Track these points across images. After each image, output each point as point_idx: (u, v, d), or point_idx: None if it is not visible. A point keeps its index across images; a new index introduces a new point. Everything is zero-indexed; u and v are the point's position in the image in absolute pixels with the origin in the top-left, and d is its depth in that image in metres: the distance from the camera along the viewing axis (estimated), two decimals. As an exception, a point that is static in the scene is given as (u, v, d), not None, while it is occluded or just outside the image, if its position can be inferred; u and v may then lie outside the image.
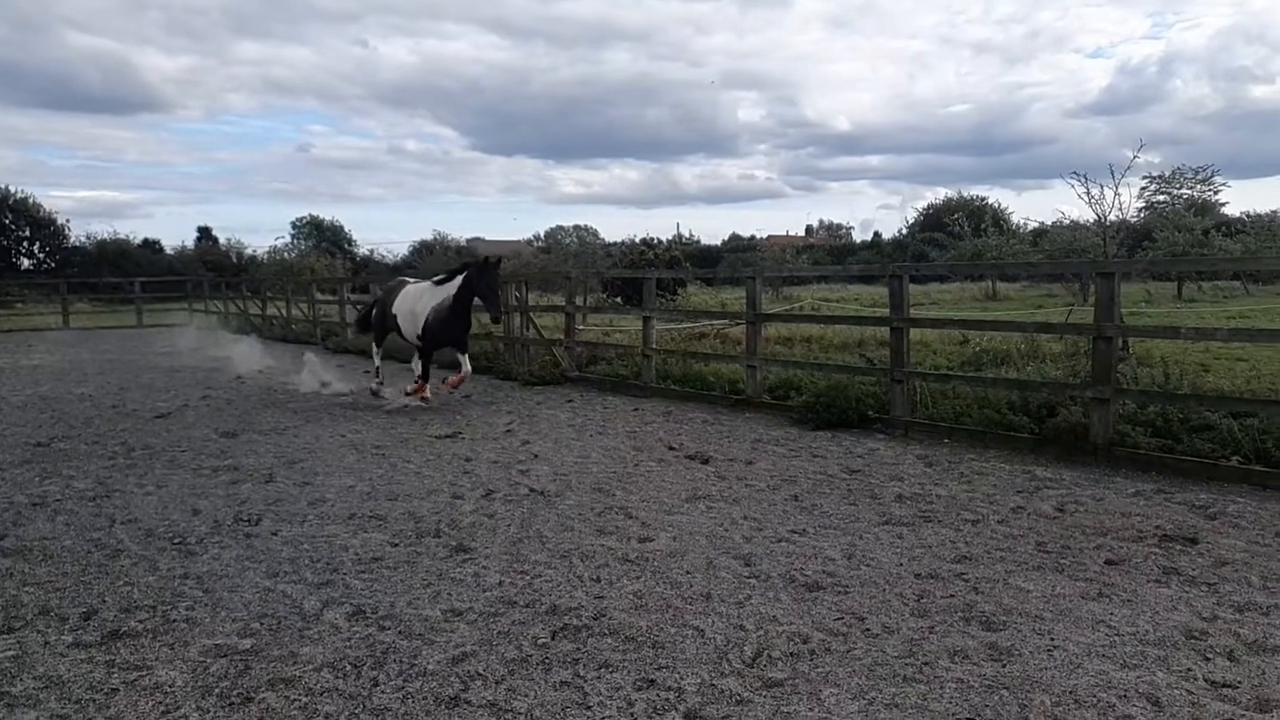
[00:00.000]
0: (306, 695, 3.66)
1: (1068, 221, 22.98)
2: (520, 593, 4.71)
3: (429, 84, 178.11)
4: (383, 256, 58.71)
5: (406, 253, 59.01)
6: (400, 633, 4.24)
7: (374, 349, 12.16)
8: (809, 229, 77.79)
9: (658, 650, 4.00)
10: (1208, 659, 3.88)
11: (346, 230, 61.60)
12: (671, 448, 8.30)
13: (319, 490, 6.96)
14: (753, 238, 60.50)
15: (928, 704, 3.50)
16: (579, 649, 4.03)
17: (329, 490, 6.95)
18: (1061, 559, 5.17)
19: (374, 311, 12.21)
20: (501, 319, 11.74)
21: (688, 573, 4.95)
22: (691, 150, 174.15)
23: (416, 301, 11.09)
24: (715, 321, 16.47)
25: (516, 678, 3.78)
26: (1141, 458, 7.37)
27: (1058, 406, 8.27)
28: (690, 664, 3.86)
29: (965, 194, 58.23)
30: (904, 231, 59.43)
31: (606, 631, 4.20)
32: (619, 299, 22.24)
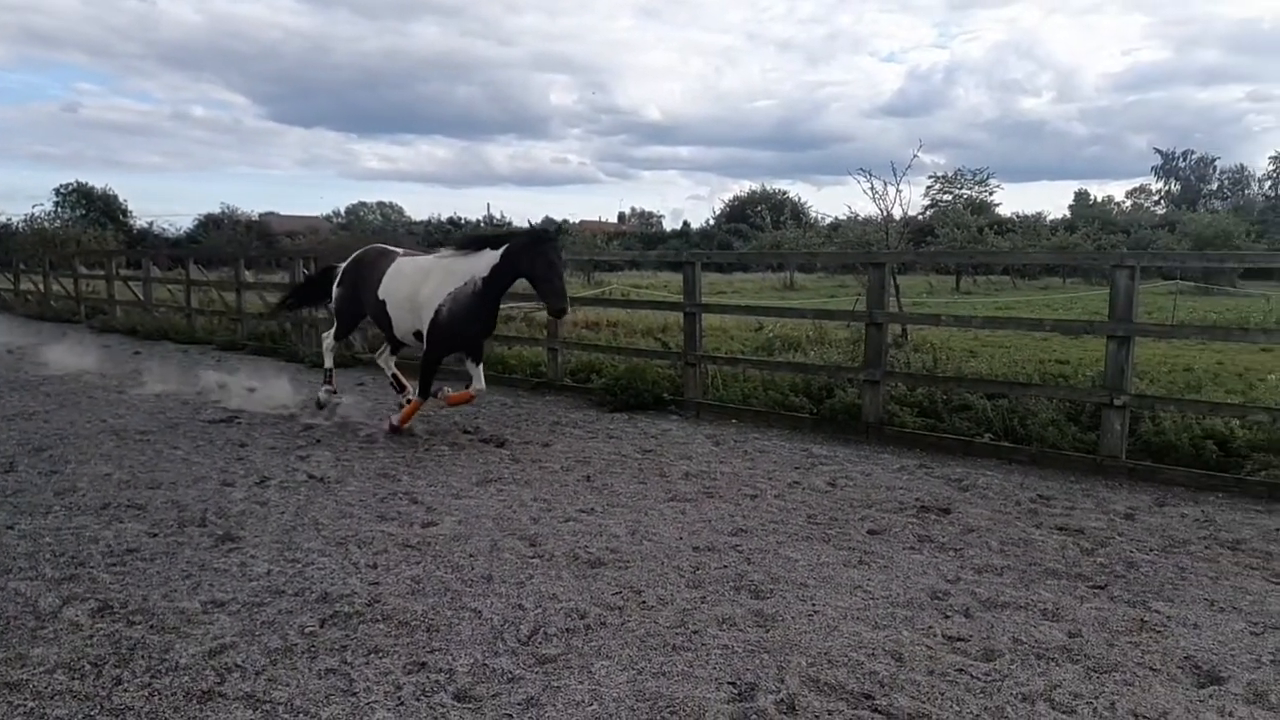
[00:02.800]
0: (34, 699, 3.34)
1: (861, 217, 24.43)
2: (289, 581, 4.49)
3: (218, 46, 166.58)
4: (163, 230, 54.35)
5: (191, 226, 54.85)
6: (152, 627, 3.95)
7: (327, 343, 8.89)
8: (621, 215, 78.78)
9: (432, 634, 3.92)
10: (947, 617, 4.22)
11: (121, 200, 56.10)
12: (467, 431, 8.17)
13: (69, 479, 6.36)
14: (565, 222, 60.43)
15: (693, 670, 3.61)
16: (348, 636, 3.89)
17: (81, 479, 6.37)
18: (829, 530, 5.48)
19: (337, 292, 8.61)
20: (567, 311, 7.70)
21: (470, 556, 4.88)
22: (503, 130, 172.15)
23: (422, 283, 7.75)
24: (522, 304, 16.34)
25: (279, 668, 3.60)
26: (908, 435, 7.94)
27: (835, 388, 8.77)
28: (465, 645, 3.81)
29: (769, 187, 60.82)
30: (711, 222, 61.37)
31: (379, 617, 4.07)
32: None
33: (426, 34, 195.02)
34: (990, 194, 56.56)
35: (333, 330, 8.90)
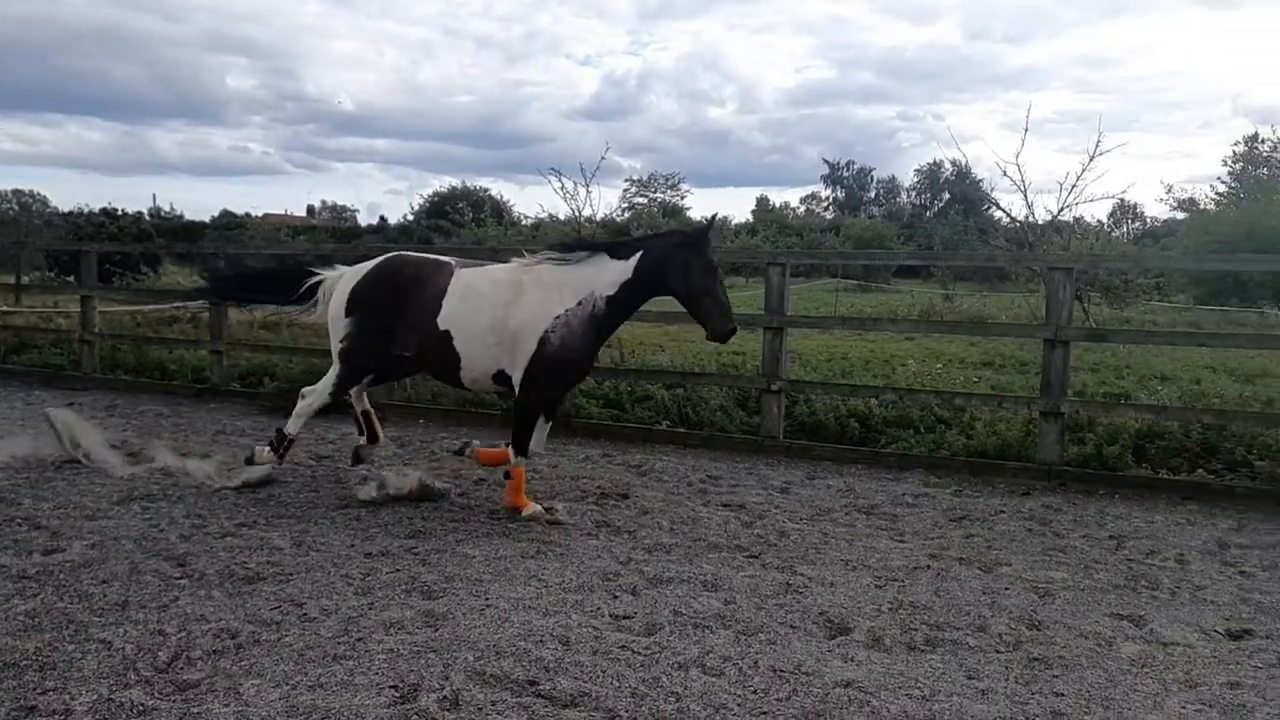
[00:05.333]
0: None
1: (563, 217, 24.81)
2: None
3: None
4: None
5: None
6: None
7: (309, 403, 6.08)
8: (311, 209, 74.12)
9: (46, 672, 3.43)
10: (616, 597, 4.36)
11: None
12: (112, 446, 7.25)
13: None
14: (247, 215, 55.75)
15: (354, 678, 3.45)
16: (-67, 689, 3.30)
17: None
18: (510, 524, 5.48)
19: (348, 325, 5.94)
20: (736, 331, 5.76)
21: (103, 582, 4.34)
22: (171, 115, 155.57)
23: (513, 303, 5.61)
24: (191, 304, 14.96)
25: None
26: (595, 426, 8.19)
27: (524, 384, 8.83)
28: (88, 681, 3.37)
29: (470, 184, 60.09)
30: (410, 217, 59.66)
31: (-22, 663, 3.50)
32: (71, 277, 19.18)
33: (73, 2, 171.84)
34: (682, 198, 60.17)
35: (326, 382, 6.05)
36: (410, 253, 6.44)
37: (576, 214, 18.18)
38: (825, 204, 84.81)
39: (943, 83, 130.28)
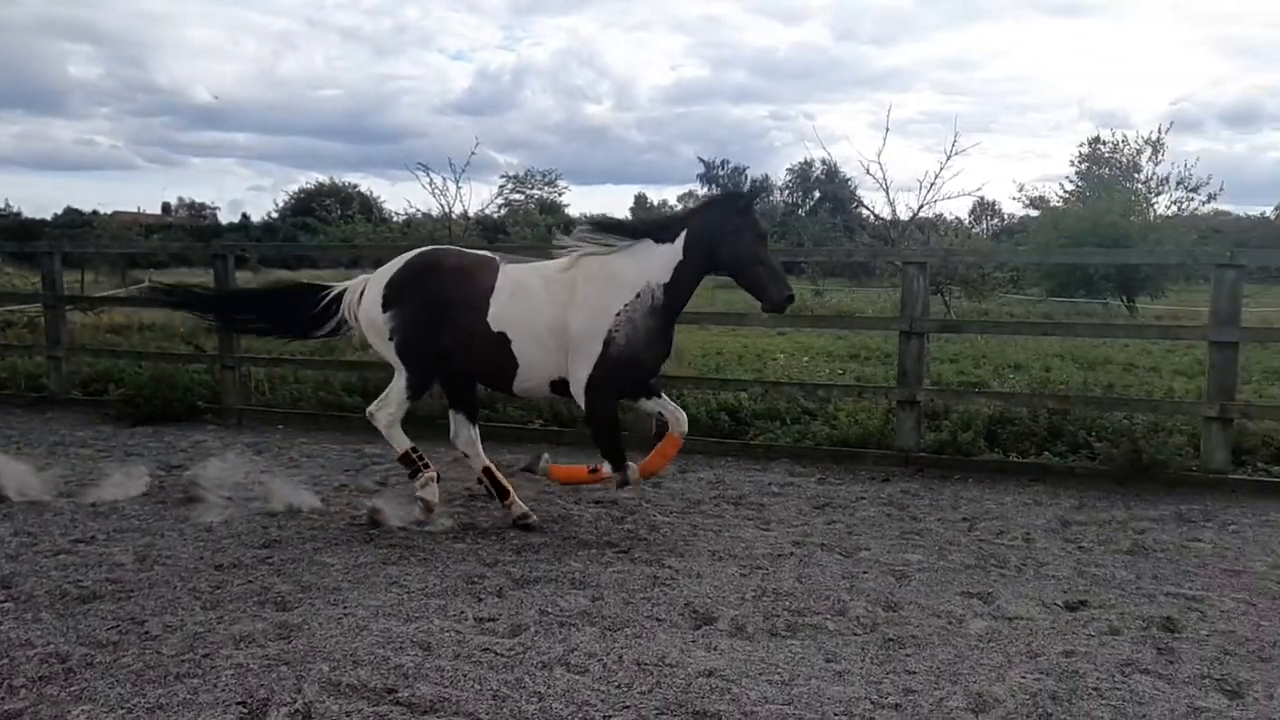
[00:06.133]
0: None
1: (437, 214, 24.36)
2: None
3: None
4: None
5: None
6: None
7: (390, 412, 5.52)
8: (167, 206, 70.09)
9: None
10: (480, 599, 4.28)
11: None
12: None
13: None
14: (95, 213, 52.23)
15: (197, 697, 3.27)
16: None
17: None
18: (371, 529, 5.32)
19: (390, 320, 5.37)
20: (793, 300, 5.37)
21: (-86, 609, 3.99)
22: (5, 104, 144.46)
23: (570, 302, 5.20)
24: (26, 307, 13.98)
25: None
26: (465, 427, 8.02)
27: (392, 385, 8.61)
28: (-110, 721, 3.08)
29: (338, 180, 57.96)
30: (275, 215, 57.23)
31: None
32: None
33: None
34: (560, 195, 59.78)
35: (397, 390, 5.50)
36: (452, 246, 6.02)
37: (447, 210, 17.92)
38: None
39: (813, 83, 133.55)
